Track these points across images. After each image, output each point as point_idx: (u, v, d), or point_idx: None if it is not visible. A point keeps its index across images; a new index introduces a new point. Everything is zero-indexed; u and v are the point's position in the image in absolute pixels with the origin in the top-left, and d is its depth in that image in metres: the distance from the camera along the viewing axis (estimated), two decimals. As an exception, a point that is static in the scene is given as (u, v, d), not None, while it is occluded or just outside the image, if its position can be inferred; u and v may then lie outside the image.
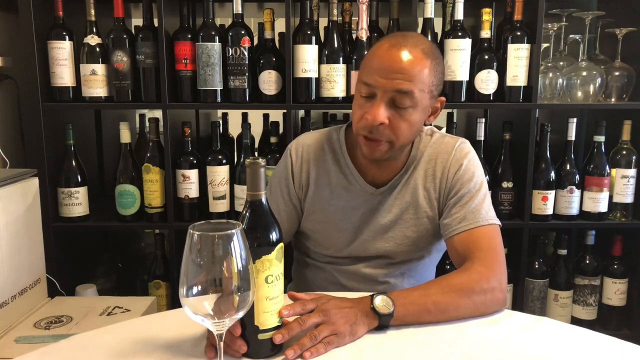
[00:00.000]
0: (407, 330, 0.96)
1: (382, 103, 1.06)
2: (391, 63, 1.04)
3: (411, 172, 1.21)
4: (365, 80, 1.07)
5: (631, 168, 1.80)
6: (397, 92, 1.05)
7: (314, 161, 1.23)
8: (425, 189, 1.20)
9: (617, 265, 1.85)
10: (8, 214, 1.37)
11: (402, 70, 1.04)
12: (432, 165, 1.20)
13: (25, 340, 1.31)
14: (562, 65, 1.85)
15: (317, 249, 1.27)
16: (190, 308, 0.70)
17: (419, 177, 1.20)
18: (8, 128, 1.82)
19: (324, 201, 1.22)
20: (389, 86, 1.05)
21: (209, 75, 1.70)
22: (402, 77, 1.04)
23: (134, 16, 2.15)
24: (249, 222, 0.81)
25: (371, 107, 1.07)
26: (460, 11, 1.71)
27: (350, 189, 1.21)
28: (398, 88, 1.04)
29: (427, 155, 1.20)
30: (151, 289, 1.85)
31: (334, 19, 1.72)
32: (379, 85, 1.05)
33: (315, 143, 1.25)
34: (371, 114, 1.06)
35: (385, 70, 1.05)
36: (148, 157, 1.77)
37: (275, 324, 0.84)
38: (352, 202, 1.21)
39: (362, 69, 1.11)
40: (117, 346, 0.89)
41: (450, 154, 1.19)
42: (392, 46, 1.06)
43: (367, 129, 1.08)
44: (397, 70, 1.04)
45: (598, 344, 0.93)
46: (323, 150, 1.24)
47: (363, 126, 1.09)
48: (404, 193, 1.20)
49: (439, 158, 1.19)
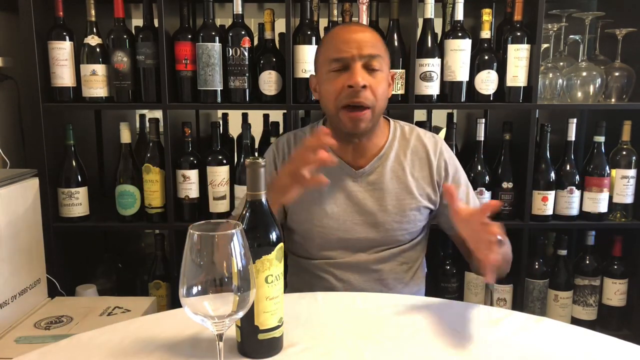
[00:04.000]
0: (407, 330, 0.96)
1: (358, 68, 1.15)
2: (355, 35, 1.17)
3: (393, 156, 1.27)
4: (335, 57, 1.17)
5: (631, 168, 1.80)
6: (369, 57, 1.16)
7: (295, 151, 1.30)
8: (415, 177, 1.27)
9: (617, 266, 1.85)
10: (8, 214, 1.37)
11: (366, 38, 1.17)
12: (418, 156, 1.28)
13: (25, 340, 1.31)
14: (562, 65, 1.85)
15: (308, 244, 1.29)
16: (190, 308, 0.70)
17: (407, 167, 1.27)
18: (8, 128, 1.82)
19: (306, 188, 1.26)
20: (360, 52, 1.15)
21: (209, 76, 1.70)
22: (369, 43, 1.17)
23: (134, 16, 2.15)
24: (249, 222, 0.81)
25: (350, 75, 1.15)
26: (460, 12, 1.71)
27: (330, 173, 1.24)
28: (369, 52, 1.16)
29: (414, 146, 1.29)
30: (151, 289, 1.85)
31: (334, 20, 1.72)
32: (350, 54, 1.15)
33: (296, 139, 1.35)
34: (353, 79, 1.14)
35: (353, 41, 1.16)
36: (148, 158, 1.77)
37: (275, 324, 0.84)
38: (335, 186, 1.26)
39: (324, 53, 1.21)
40: (117, 346, 0.89)
41: (435, 146, 1.30)
42: (347, 26, 1.23)
43: (350, 96, 1.16)
44: (362, 39, 1.17)
45: (598, 344, 0.93)
46: (303, 142, 1.30)
47: (346, 94, 1.16)
48: (387, 177, 1.26)
49: (425, 150, 1.29)
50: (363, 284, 1.27)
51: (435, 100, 1.74)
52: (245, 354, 0.85)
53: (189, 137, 1.77)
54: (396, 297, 1.14)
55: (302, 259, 1.33)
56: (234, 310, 0.70)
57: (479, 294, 1.86)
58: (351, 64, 1.16)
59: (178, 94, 1.75)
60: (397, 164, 1.27)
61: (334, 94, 1.18)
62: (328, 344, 0.90)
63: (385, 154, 1.27)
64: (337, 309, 1.04)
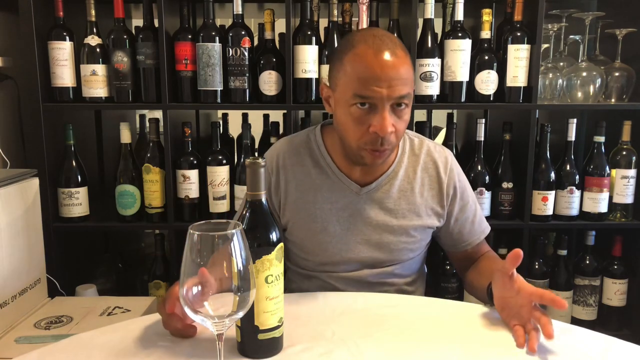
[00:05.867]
0: (407, 330, 0.96)
1: (386, 112, 1.03)
2: (387, 71, 1.02)
3: (402, 174, 1.21)
4: (362, 93, 1.03)
5: (631, 168, 1.80)
6: (399, 97, 1.04)
7: (292, 167, 1.21)
8: (424, 197, 1.22)
9: (617, 266, 1.85)
10: (8, 214, 1.37)
11: (398, 75, 1.03)
12: (428, 174, 1.22)
13: (25, 340, 1.31)
14: (562, 65, 1.85)
15: (309, 257, 1.24)
16: (190, 308, 0.70)
17: (416, 186, 1.21)
18: (8, 128, 1.82)
19: (309, 205, 1.20)
20: (391, 94, 1.03)
21: (209, 76, 1.70)
22: (401, 82, 1.03)
23: (134, 17, 2.15)
24: (249, 222, 0.81)
25: (375, 119, 1.04)
26: (461, 12, 1.71)
27: (334, 189, 1.19)
28: (399, 94, 1.03)
29: (424, 163, 1.23)
30: (151, 289, 1.85)
31: (334, 20, 1.72)
32: (380, 95, 1.02)
33: (290, 149, 1.23)
34: (379, 126, 1.03)
35: (384, 79, 1.02)
36: (148, 158, 1.77)
37: (275, 324, 0.84)
38: (338, 203, 1.19)
39: (347, 79, 1.06)
40: (117, 346, 0.89)
41: (445, 163, 1.23)
42: (378, 51, 1.03)
43: (375, 142, 1.06)
44: (394, 77, 1.02)
45: (598, 344, 0.93)
46: (300, 155, 1.22)
47: (371, 140, 1.06)
48: (394, 197, 1.20)
49: (435, 167, 1.23)
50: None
51: (435, 101, 1.74)
52: (245, 354, 0.85)
53: (189, 137, 1.77)
54: (396, 297, 1.14)
55: (300, 269, 1.28)
56: (234, 310, 0.70)
57: (479, 294, 1.86)
58: (379, 106, 1.03)
59: (178, 94, 1.75)
60: (406, 182, 1.21)
61: (355, 133, 1.07)
62: (328, 344, 0.90)
63: (395, 171, 1.20)
64: (337, 309, 1.04)
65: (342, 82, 1.07)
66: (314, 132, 1.25)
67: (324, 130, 1.24)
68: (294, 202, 1.21)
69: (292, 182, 1.21)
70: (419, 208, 1.21)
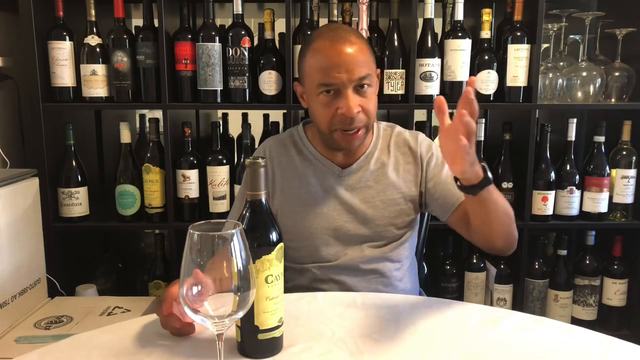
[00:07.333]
0: (407, 330, 0.96)
1: (349, 93, 1.14)
2: (343, 57, 1.13)
3: (377, 154, 1.28)
4: (325, 82, 1.14)
5: (631, 168, 1.80)
6: (359, 79, 1.14)
7: (278, 157, 1.30)
8: (399, 171, 1.28)
9: (617, 266, 1.85)
10: (8, 214, 1.37)
11: (354, 59, 1.13)
12: (401, 151, 1.30)
13: (25, 340, 1.31)
14: (562, 65, 1.85)
15: (299, 247, 1.27)
16: (190, 308, 0.70)
17: (391, 162, 1.28)
18: (8, 128, 1.82)
19: (295, 190, 1.28)
20: (351, 77, 1.13)
21: (209, 76, 1.70)
22: (358, 65, 1.13)
23: (134, 16, 2.15)
24: (249, 222, 0.81)
25: (341, 101, 1.14)
26: (460, 11, 1.71)
27: (317, 173, 1.28)
28: (359, 76, 1.14)
29: (395, 142, 1.30)
30: (151, 289, 1.85)
31: (334, 20, 1.72)
32: (340, 80, 1.13)
33: (277, 143, 1.34)
34: (345, 107, 1.14)
35: (341, 65, 1.12)
36: (148, 157, 1.77)
37: (275, 324, 0.84)
38: (322, 185, 1.27)
39: (310, 70, 1.17)
40: (117, 346, 0.89)
41: (416, 137, 1.31)
42: (333, 42, 1.14)
43: (344, 123, 1.16)
44: (351, 60, 1.13)
45: (598, 344, 0.93)
46: (285, 146, 1.32)
47: (339, 121, 1.16)
48: (372, 174, 1.27)
49: (407, 142, 1.30)
50: (357, 284, 1.27)
51: (435, 100, 1.74)
52: (245, 354, 0.85)
53: (189, 137, 1.77)
54: (396, 297, 1.14)
55: (293, 264, 1.30)
56: (234, 310, 0.70)
57: (478, 294, 1.86)
58: (342, 90, 1.14)
59: (178, 94, 1.75)
60: (383, 160, 1.29)
61: (326, 117, 1.17)
62: (328, 344, 0.90)
63: (371, 152, 1.29)
64: (337, 309, 1.04)
65: (308, 76, 1.19)
66: (297, 128, 1.36)
67: (306, 126, 1.35)
68: (281, 189, 1.29)
69: (278, 171, 1.30)
70: (397, 181, 1.28)
